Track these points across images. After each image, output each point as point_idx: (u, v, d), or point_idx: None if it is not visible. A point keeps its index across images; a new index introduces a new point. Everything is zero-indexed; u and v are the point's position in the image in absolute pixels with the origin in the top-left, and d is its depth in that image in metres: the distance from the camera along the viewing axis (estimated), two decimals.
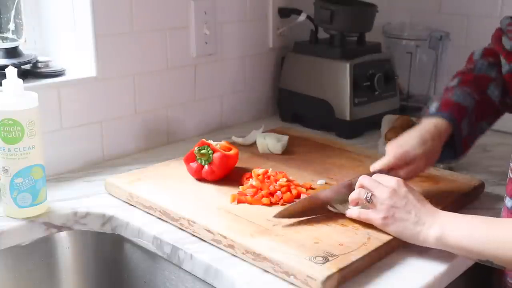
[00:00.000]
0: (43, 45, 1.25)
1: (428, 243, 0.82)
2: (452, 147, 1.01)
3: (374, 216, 0.86)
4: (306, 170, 1.14)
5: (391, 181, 0.87)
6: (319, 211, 0.92)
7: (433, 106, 1.02)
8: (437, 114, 1.00)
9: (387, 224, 0.85)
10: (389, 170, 0.95)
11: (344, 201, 0.93)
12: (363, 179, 0.90)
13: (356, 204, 0.91)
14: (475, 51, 1.13)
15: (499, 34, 1.09)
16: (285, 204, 0.98)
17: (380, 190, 0.86)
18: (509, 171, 0.93)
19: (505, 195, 0.94)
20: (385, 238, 0.86)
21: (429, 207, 0.85)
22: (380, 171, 0.94)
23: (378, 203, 0.86)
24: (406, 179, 0.93)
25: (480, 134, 1.06)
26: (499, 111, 1.08)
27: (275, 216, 0.90)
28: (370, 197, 0.86)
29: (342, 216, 0.92)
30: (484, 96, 1.04)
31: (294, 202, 0.94)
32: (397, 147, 0.96)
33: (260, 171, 1.05)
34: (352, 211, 0.90)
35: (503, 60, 1.07)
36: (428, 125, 0.99)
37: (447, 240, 0.80)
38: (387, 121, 1.41)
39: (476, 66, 1.09)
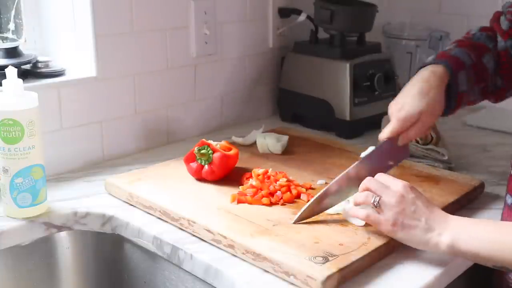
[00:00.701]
0: (43, 45, 1.25)
1: (440, 250, 0.80)
2: (446, 99, 0.97)
3: (383, 223, 0.83)
4: (306, 170, 1.14)
5: (398, 186, 0.84)
6: (328, 206, 0.91)
7: (430, 57, 1.00)
8: (433, 61, 0.96)
9: (396, 231, 0.82)
10: (398, 135, 0.93)
11: (346, 197, 0.92)
12: (368, 182, 0.87)
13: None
14: (472, 28, 1.12)
15: (497, 14, 1.09)
16: (285, 204, 0.98)
17: (387, 195, 0.84)
18: (511, 168, 0.93)
19: (506, 192, 0.94)
20: (385, 238, 0.86)
21: (438, 213, 0.82)
22: (389, 141, 0.92)
23: (386, 209, 0.83)
24: (418, 136, 0.90)
25: (475, 100, 1.04)
26: (489, 86, 1.06)
27: (295, 223, 0.89)
28: (378, 202, 0.84)
29: (342, 216, 0.92)
30: (480, 61, 1.02)
31: (307, 205, 0.91)
32: (398, 110, 0.93)
33: (260, 171, 1.05)
34: (359, 212, 0.87)
35: (499, 37, 1.07)
36: (426, 74, 0.95)
37: (460, 247, 0.78)
38: (387, 121, 1.40)
39: (474, 36, 1.08)
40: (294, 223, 0.89)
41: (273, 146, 1.23)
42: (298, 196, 1.01)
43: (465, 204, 1.04)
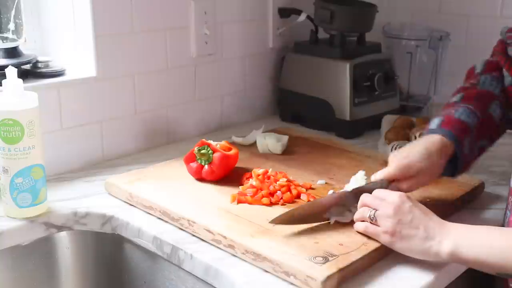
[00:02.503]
0: (43, 45, 1.25)
1: (441, 258, 0.79)
2: (452, 164, 0.97)
3: (381, 235, 0.83)
4: (306, 170, 1.14)
5: (394, 197, 0.84)
6: (317, 219, 0.90)
7: (435, 122, 0.99)
8: (439, 130, 0.96)
9: (394, 242, 0.82)
10: (391, 182, 0.92)
11: (343, 210, 0.91)
12: (365, 198, 0.87)
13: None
14: (476, 65, 1.11)
15: (502, 45, 1.07)
16: (285, 204, 0.98)
17: (383, 207, 0.83)
18: None
19: (510, 197, 0.93)
20: None
21: (437, 220, 0.82)
22: (382, 181, 0.92)
23: (383, 221, 0.83)
24: (407, 191, 0.90)
25: (482, 153, 1.03)
26: (500, 129, 1.05)
27: (272, 222, 0.87)
28: (374, 215, 0.84)
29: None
30: (486, 114, 1.01)
31: (292, 209, 0.90)
32: (401, 159, 0.93)
33: (260, 171, 1.05)
34: (359, 225, 0.87)
35: (505, 72, 1.05)
36: (434, 138, 0.95)
37: (462, 254, 0.77)
38: (387, 121, 1.41)
39: (479, 81, 1.06)
40: (270, 222, 0.87)
41: (273, 146, 1.23)
42: (298, 196, 1.01)
43: (465, 204, 1.04)
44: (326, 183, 1.08)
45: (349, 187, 0.97)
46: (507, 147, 1.35)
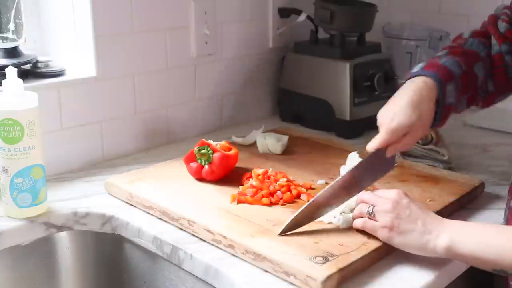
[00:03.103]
0: (43, 45, 1.25)
1: (437, 253, 0.80)
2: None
3: (379, 230, 0.83)
4: (306, 170, 1.14)
5: (392, 193, 0.85)
6: (318, 216, 0.90)
7: (418, 66, 0.97)
8: (421, 72, 0.94)
9: (392, 236, 0.82)
10: (387, 147, 0.91)
11: (334, 207, 0.90)
12: (362, 195, 0.88)
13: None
14: (464, 32, 1.10)
15: (494, 18, 1.08)
16: (285, 204, 0.98)
17: (381, 202, 0.84)
18: None
19: (510, 197, 0.93)
20: None
21: (434, 216, 0.82)
22: (377, 152, 0.91)
23: (381, 216, 0.83)
24: (405, 148, 0.89)
25: (461, 109, 1.02)
26: (478, 93, 1.04)
27: (281, 234, 0.87)
28: (372, 211, 0.84)
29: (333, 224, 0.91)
30: (471, 70, 1.00)
31: (295, 215, 0.89)
32: (389, 122, 0.91)
33: (260, 171, 1.05)
34: (357, 222, 0.87)
35: (494, 41, 1.05)
36: (416, 85, 0.92)
37: (458, 249, 0.78)
38: None
39: (466, 42, 1.06)
40: (279, 235, 0.87)
41: (273, 146, 1.23)
42: (298, 196, 1.01)
43: (465, 204, 1.04)
44: (326, 183, 1.08)
45: (346, 169, 0.96)
46: (507, 147, 1.35)
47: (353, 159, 0.97)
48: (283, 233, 0.87)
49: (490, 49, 1.06)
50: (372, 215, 0.84)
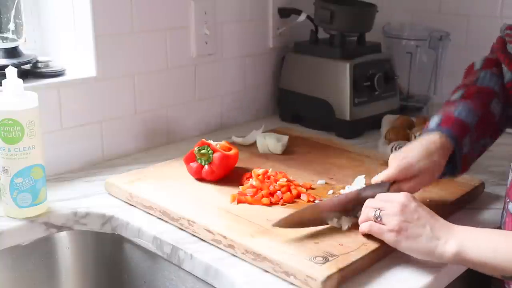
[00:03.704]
0: (43, 45, 1.25)
1: (445, 259, 0.79)
2: (451, 163, 0.97)
3: (386, 233, 0.82)
4: (306, 170, 1.14)
5: (399, 196, 0.84)
6: (317, 223, 0.89)
7: (434, 121, 0.98)
8: (438, 129, 0.96)
9: (400, 240, 0.81)
10: (392, 183, 0.91)
11: (343, 215, 0.90)
12: (369, 202, 0.87)
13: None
14: (475, 62, 1.10)
15: (502, 41, 1.06)
16: (285, 204, 0.98)
17: (389, 205, 0.83)
18: (510, 172, 0.93)
19: (507, 199, 0.93)
20: None
21: (443, 222, 0.81)
22: (383, 183, 0.91)
23: (389, 219, 0.82)
24: (409, 192, 0.88)
25: (482, 151, 1.03)
26: (500, 127, 1.05)
27: (274, 225, 0.87)
28: (379, 214, 0.83)
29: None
30: (486, 111, 1.00)
31: (294, 212, 0.89)
32: (400, 159, 0.92)
33: (260, 171, 1.05)
34: (363, 226, 0.86)
35: (504, 68, 1.04)
36: (433, 137, 0.94)
37: (466, 256, 0.77)
38: (387, 121, 1.41)
39: (479, 77, 1.05)
40: (273, 225, 0.87)
41: (273, 146, 1.23)
42: (298, 196, 1.01)
43: (465, 204, 1.04)
44: (326, 183, 1.08)
45: (351, 189, 0.97)
46: (507, 147, 1.35)
47: (360, 182, 0.99)
48: (277, 225, 0.87)
49: (502, 79, 1.05)
50: (379, 219, 0.83)
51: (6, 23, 1.23)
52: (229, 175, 1.08)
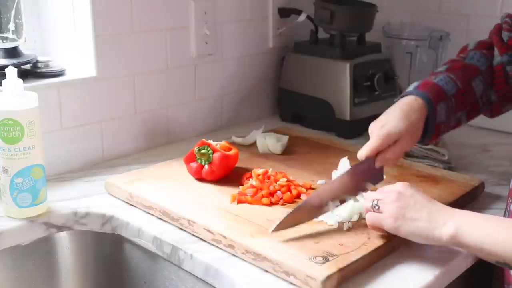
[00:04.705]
0: (43, 45, 1.26)
1: (442, 241, 0.80)
2: (423, 128, 0.98)
3: (384, 219, 0.83)
4: (306, 170, 1.14)
5: (396, 185, 0.85)
6: (309, 218, 0.90)
7: (412, 85, 1.01)
8: (413, 92, 0.97)
9: (399, 226, 0.82)
10: (377, 154, 0.92)
11: (342, 200, 0.91)
12: (367, 194, 0.88)
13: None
14: (470, 43, 1.13)
15: (498, 26, 1.09)
16: (285, 204, 0.98)
17: (386, 195, 0.84)
18: None
19: (510, 200, 0.93)
20: (385, 238, 0.86)
21: (440, 205, 0.83)
22: (367, 160, 0.92)
23: (386, 206, 0.83)
24: (395, 159, 0.91)
25: (457, 125, 1.04)
26: (479, 106, 1.06)
27: (274, 231, 0.86)
28: (377, 203, 0.84)
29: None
30: (467, 86, 1.02)
31: (288, 214, 0.88)
32: (380, 128, 0.93)
33: (260, 171, 1.05)
34: (366, 218, 0.86)
35: (496, 52, 1.07)
36: (408, 100, 0.96)
37: (463, 239, 0.78)
38: None
39: (468, 55, 1.08)
40: (272, 231, 0.86)
41: (273, 146, 1.23)
42: (298, 196, 1.01)
43: (465, 204, 1.04)
44: (326, 183, 1.08)
45: (337, 174, 0.97)
46: (507, 147, 1.35)
47: (344, 165, 0.98)
48: (276, 230, 0.87)
49: (492, 61, 1.07)
50: (377, 208, 0.84)
51: (6, 23, 1.23)
52: (229, 175, 1.08)
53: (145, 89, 1.30)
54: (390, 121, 0.93)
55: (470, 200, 1.06)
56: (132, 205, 1.03)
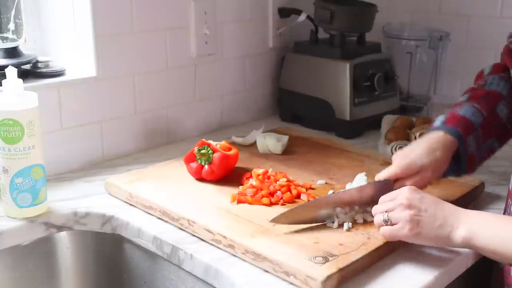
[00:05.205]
0: (43, 45, 1.25)
1: (454, 243, 0.80)
2: (457, 162, 0.98)
3: (401, 231, 0.82)
4: (306, 170, 1.14)
5: (402, 191, 0.84)
6: (317, 220, 0.90)
7: (439, 120, 1.00)
8: (442, 127, 0.97)
9: (417, 234, 0.81)
10: (395, 181, 0.92)
11: (347, 210, 0.91)
12: (375, 208, 0.87)
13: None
14: (485, 68, 1.12)
15: (507, 48, 1.08)
16: (285, 204, 0.98)
17: (393, 205, 0.83)
18: None
19: (510, 201, 0.93)
20: None
21: (451, 207, 0.82)
22: (386, 182, 0.92)
23: (400, 218, 0.82)
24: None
25: (490, 153, 1.04)
26: (508, 130, 1.05)
27: (272, 221, 0.88)
28: (388, 217, 0.83)
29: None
30: (493, 113, 1.02)
31: (291, 209, 0.90)
32: (402, 157, 0.93)
33: (260, 171, 1.05)
34: (382, 232, 0.85)
35: None
36: (437, 135, 0.96)
37: (476, 241, 0.78)
38: (387, 121, 1.41)
39: (486, 81, 1.07)
40: (271, 221, 0.87)
41: (273, 146, 1.23)
42: (298, 196, 1.01)
43: (465, 205, 1.04)
44: (326, 183, 1.08)
45: (352, 186, 0.97)
46: (507, 147, 1.35)
47: (360, 180, 0.99)
48: (275, 222, 0.87)
49: (511, 84, 1.06)
50: (389, 222, 0.83)
51: (6, 23, 1.23)
52: (229, 175, 1.08)
53: (145, 89, 1.30)
54: (415, 153, 0.93)
55: (470, 200, 1.06)
56: (132, 205, 1.03)
